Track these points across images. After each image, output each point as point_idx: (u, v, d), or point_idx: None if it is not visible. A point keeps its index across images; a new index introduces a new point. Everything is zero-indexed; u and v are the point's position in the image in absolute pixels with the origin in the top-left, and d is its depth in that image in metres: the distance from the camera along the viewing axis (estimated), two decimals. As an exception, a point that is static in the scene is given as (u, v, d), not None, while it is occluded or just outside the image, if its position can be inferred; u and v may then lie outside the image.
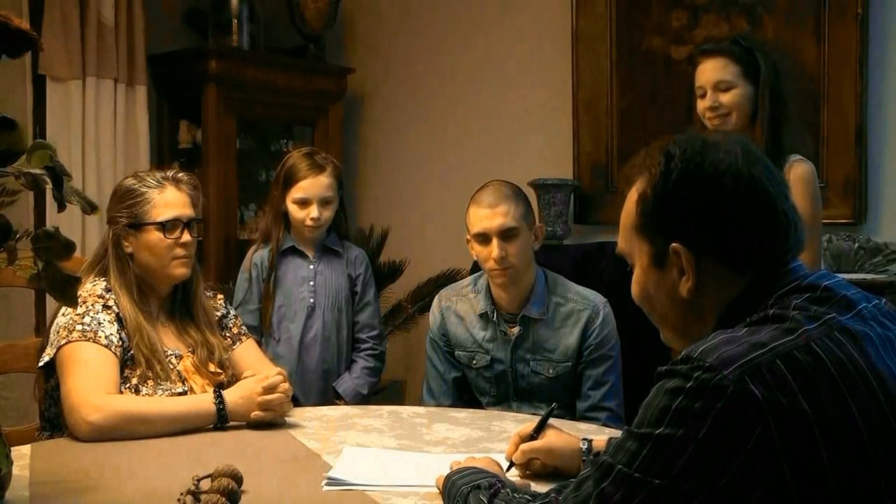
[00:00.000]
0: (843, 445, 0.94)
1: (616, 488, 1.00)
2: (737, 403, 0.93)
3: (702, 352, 0.99)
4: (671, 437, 0.96)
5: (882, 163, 2.83)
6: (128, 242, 2.01)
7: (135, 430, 1.78)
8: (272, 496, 1.47)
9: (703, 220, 1.09)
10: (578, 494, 1.05)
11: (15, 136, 1.24)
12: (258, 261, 2.69)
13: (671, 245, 1.11)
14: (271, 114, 3.97)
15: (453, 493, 1.32)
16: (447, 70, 3.93)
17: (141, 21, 3.55)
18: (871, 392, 0.97)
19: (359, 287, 2.74)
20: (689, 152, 1.11)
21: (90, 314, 1.91)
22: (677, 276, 1.12)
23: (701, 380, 0.96)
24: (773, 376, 0.95)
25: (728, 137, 1.14)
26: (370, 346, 2.76)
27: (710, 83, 2.29)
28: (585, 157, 3.42)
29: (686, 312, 1.14)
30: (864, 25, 2.81)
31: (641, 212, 1.15)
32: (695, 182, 1.09)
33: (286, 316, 2.68)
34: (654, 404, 1.00)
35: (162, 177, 2.05)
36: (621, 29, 3.32)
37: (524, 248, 2.23)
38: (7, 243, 1.25)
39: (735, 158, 1.09)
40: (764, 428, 0.93)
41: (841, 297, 1.07)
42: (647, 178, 1.14)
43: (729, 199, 1.08)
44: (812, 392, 0.95)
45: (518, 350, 2.29)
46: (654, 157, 1.14)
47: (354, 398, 2.66)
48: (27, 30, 1.25)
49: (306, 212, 2.60)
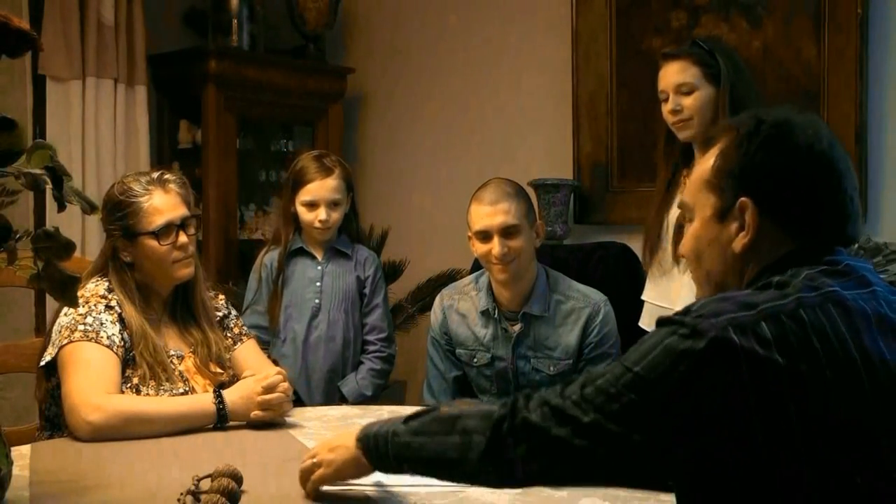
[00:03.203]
0: (812, 402, 1.01)
1: (595, 395, 1.08)
2: (716, 347, 1.01)
3: (699, 306, 1.08)
4: (654, 369, 1.05)
5: (882, 163, 2.83)
6: (126, 252, 2.00)
7: (135, 430, 1.78)
8: (272, 496, 1.47)
9: (775, 181, 1.16)
10: (559, 392, 1.14)
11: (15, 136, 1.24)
12: (268, 262, 2.71)
13: (740, 199, 1.17)
14: (271, 114, 3.97)
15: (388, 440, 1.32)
16: (447, 70, 3.92)
17: (141, 21, 3.54)
18: (849, 361, 1.03)
19: (368, 289, 2.75)
20: (778, 121, 1.18)
21: (92, 314, 1.91)
22: (735, 231, 1.18)
23: (689, 325, 1.04)
24: (754, 332, 1.02)
25: (818, 122, 1.21)
26: (378, 348, 2.76)
27: (672, 86, 2.28)
28: (585, 157, 3.42)
29: (731, 269, 1.20)
30: (864, 25, 2.81)
31: (718, 167, 1.20)
32: (776, 146, 1.16)
33: (292, 316, 2.70)
34: (646, 343, 1.09)
35: (147, 181, 2.01)
36: (621, 29, 3.32)
37: (525, 246, 2.24)
38: (7, 243, 1.25)
39: (819, 138, 1.17)
40: (738, 373, 1.01)
41: (859, 276, 1.12)
42: (732, 137, 1.20)
43: (804, 168, 1.16)
44: (789, 350, 1.01)
45: (519, 347, 2.29)
46: (744, 120, 1.21)
47: (357, 399, 2.66)
48: (27, 30, 1.25)
49: (314, 214, 2.63)
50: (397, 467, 1.32)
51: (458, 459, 1.20)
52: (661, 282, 2.39)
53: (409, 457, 1.28)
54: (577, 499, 1.47)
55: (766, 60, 2.94)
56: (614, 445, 1.06)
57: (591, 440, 1.07)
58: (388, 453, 1.31)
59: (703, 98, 2.25)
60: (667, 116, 2.31)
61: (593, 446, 1.07)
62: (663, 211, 2.38)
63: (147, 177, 2.04)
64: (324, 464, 1.43)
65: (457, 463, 1.20)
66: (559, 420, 1.10)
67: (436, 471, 1.28)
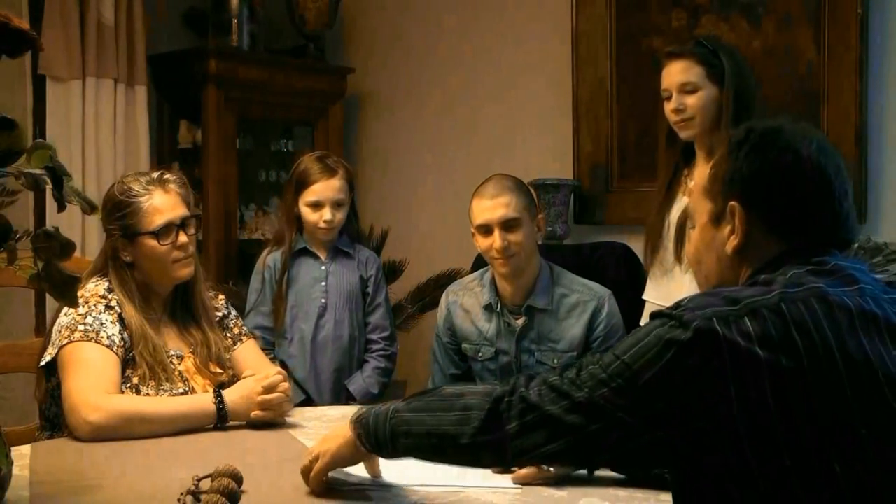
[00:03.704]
0: (792, 393, 1.04)
1: (588, 378, 1.13)
2: (700, 336, 1.06)
3: (687, 301, 1.12)
4: (641, 357, 1.09)
5: (882, 163, 2.83)
6: (126, 252, 2.00)
7: (135, 430, 1.78)
8: (272, 496, 1.47)
9: (761, 185, 1.20)
10: (549, 380, 1.17)
11: (15, 136, 1.24)
12: (272, 263, 2.73)
13: (729, 203, 1.21)
14: (271, 114, 3.97)
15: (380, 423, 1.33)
16: (447, 70, 3.92)
17: (141, 21, 3.54)
18: (828, 353, 1.05)
19: (370, 288, 2.79)
20: (767, 129, 1.23)
21: (92, 314, 1.91)
22: (728, 234, 1.22)
23: (677, 316, 1.09)
24: (737, 324, 1.06)
25: (810, 129, 1.25)
26: (382, 346, 2.80)
27: (675, 85, 2.29)
28: (585, 157, 3.42)
29: (726, 271, 1.25)
30: (864, 25, 2.81)
31: (713, 174, 1.26)
32: (762, 152, 1.21)
33: (298, 316, 2.72)
34: (636, 334, 1.13)
35: (147, 181, 2.01)
36: (621, 29, 3.32)
37: (527, 239, 2.25)
38: (7, 243, 1.25)
39: (808, 144, 1.20)
40: (720, 363, 1.05)
41: (845, 274, 1.14)
42: (726, 146, 1.26)
43: (790, 172, 1.19)
44: (770, 344, 1.05)
45: (523, 341, 2.31)
46: (738, 130, 1.27)
47: (365, 398, 2.69)
48: (27, 30, 1.25)
49: (319, 214, 2.65)
50: (392, 446, 1.32)
51: (453, 434, 1.23)
52: (662, 282, 2.40)
53: (405, 432, 1.30)
54: (577, 499, 1.47)
55: (766, 60, 2.94)
56: (604, 423, 1.10)
57: (583, 417, 1.12)
58: (385, 430, 1.32)
59: (706, 98, 2.26)
60: (669, 115, 2.32)
61: (585, 423, 1.12)
62: (664, 210, 2.38)
63: (147, 177, 2.04)
64: (320, 455, 1.44)
65: (452, 438, 1.23)
66: (554, 397, 1.15)
67: (431, 449, 1.29)
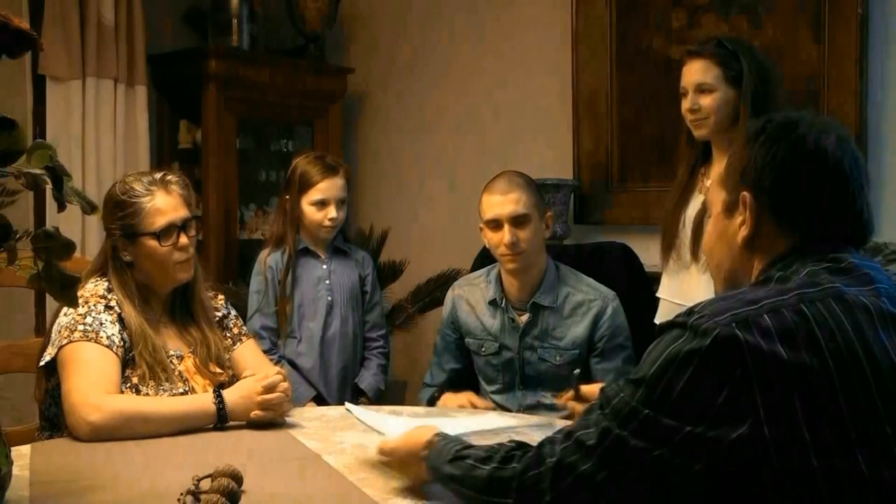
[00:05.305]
0: (817, 394, 1.02)
1: (613, 418, 1.09)
2: (721, 344, 1.03)
3: (700, 308, 1.10)
4: (662, 377, 1.06)
5: (882, 163, 2.83)
6: (126, 252, 2.00)
7: (135, 430, 1.78)
8: (272, 496, 1.47)
9: (773, 175, 1.19)
10: (580, 428, 1.13)
11: (15, 136, 1.24)
12: (273, 263, 2.73)
13: (741, 193, 1.21)
14: (271, 114, 3.97)
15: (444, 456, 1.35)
16: (447, 70, 3.92)
17: (141, 21, 3.55)
18: (852, 353, 1.04)
19: (368, 287, 2.84)
20: (785, 120, 1.22)
21: (92, 314, 1.91)
22: (739, 224, 1.22)
23: (694, 326, 1.07)
24: (758, 327, 1.04)
25: (830, 122, 1.24)
26: (381, 344, 2.86)
27: (692, 85, 2.29)
28: (585, 157, 3.42)
29: (738, 262, 1.24)
30: (864, 25, 2.81)
31: (728, 164, 1.26)
32: (777, 143, 1.20)
33: (306, 315, 2.75)
34: (652, 352, 1.10)
35: (150, 182, 2.00)
36: (621, 29, 3.32)
37: (535, 236, 2.27)
38: (7, 243, 1.25)
39: (824, 136, 1.19)
40: (744, 369, 1.02)
41: (861, 273, 1.13)
42: (744, 137, 1.25)
43: (802, 164, 1.18)
44: (792, 343, 1.03)
45: (526, 337, 2.33)
46: (757, 121, 1.26)
47: (376, 394, 2.77)
48: (27, 30, 1.25)
49: (324, 213, 2.67)
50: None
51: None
52: (676, 278, 2.40)
53: (454, 489, 1.32)
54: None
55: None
56: (639, 466, 1.06)
57: (617, 464, 1.07)
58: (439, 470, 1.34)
59: (721, 99, 2.26)
60: (685, 114, 2.33)
61: (622, 470, 1.07)
62: (680, 207, 2.38)
63: (149, 177, 2.03)
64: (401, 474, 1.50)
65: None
66: (583, 453, 1.10)
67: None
